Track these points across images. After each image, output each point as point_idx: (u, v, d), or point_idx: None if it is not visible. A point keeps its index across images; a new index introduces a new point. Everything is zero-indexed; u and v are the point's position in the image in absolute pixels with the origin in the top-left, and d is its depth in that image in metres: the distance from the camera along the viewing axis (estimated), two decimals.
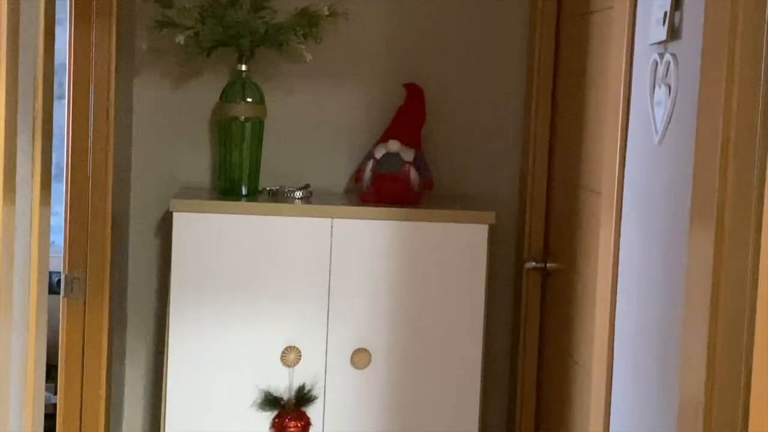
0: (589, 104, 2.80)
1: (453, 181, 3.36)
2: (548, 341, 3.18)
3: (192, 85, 3.31)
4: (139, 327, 3.35)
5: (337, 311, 3.01)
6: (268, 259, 2.99)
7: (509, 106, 3.36)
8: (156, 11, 3.20)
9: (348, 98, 3.33)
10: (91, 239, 3.01)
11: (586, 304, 2.74)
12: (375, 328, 3.02)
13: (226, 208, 3.00)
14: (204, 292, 2.99)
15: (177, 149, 3.32)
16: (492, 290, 3.29)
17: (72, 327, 3.02)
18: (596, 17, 2.78)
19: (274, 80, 3.31)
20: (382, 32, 3.33)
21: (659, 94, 2.08)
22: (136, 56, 3.30)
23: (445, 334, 3.02)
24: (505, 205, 3.35)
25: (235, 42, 3.15)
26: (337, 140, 3.34)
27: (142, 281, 3.34)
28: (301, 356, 3.01)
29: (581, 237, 2.83)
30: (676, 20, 2.02)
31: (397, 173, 3.11)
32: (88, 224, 3.01)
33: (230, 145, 3.17)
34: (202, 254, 2.99)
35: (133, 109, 3.32)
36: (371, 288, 3.01)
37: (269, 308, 3.00)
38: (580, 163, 2.88)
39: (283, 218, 3.00)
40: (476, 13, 3.34)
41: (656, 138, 2.09)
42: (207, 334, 3.00)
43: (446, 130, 3.36)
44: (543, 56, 3.23)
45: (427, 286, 3.02)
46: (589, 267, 2.72)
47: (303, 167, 3.33)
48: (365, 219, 3.00)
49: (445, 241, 3.01)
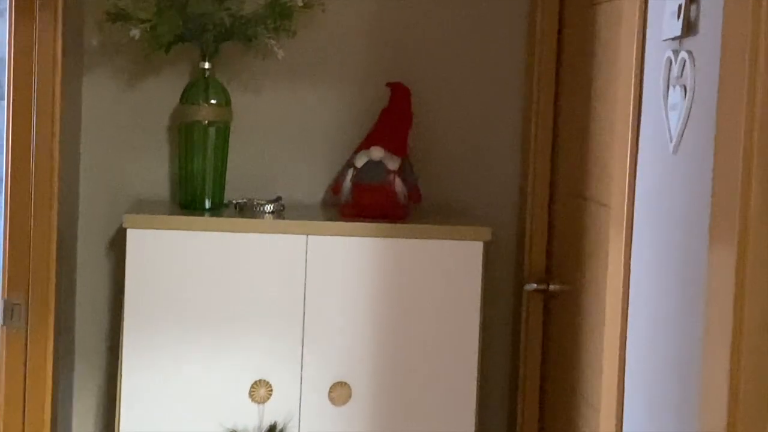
0: (596, 107, 2.81)
1: (443, 192, 3.37)
2: (551, 374, 3.18)
3: (148, 85, 3.31)
4: (89, 359, 3.34)
5: (312, 340, 3.01)
6: (235, 281, 2.99)
7: (506, 108, 3.37)
8: (107, 2, 3.20)
9: (325, 99, 3.33)
10: (34, 259, 3.00)
11: (593, 331, 2.74)
12: (355, 360, 3.01)
13: (186, 224, 3.00)
14: (162, 318, 2.98)
15: (131, 157, 3.32)
16: (488, 316, 3.29)
17: (12, 359, 3.01)
18: (603, 9, 2.79)
19: (241, 79, 3.31)
20: (363, 25, 3.33)
21: (674, 96, 2.08)
22: (85, 53, 3.29)
23: (434, 365, 3.02)
24: (502, 220, 3.35)
25: (197, 36, 3.15)
26: (312, 147, 3.34)
27: (92, 307, 3.34)
28: (272, 391, 3.00)
29: (588, 256, 2.83)
30: (692, 13, 2.03)
31: (381, 184, 3.11)
32: (30, 242, 3.00)
33: (192, 153, 3.16)
34: (160, 276, 2.98)
35: (82, 113, 3.31)
36: (351, 314, 3.01)
37: (236, 337, 3.00)
38: (586, 173, 2.88)
39: (252, 235, 2.99)
40: (469, 4, 3.34)
41: (670, 145, 2.09)
42: (165, 367, 2.99)
43: (435, 136, 3.36)
44: (544, 52, 3.24)
45: (414, 311, 3.02)
46: (596, 289, 2.72)
47: (274, 177, 3.33)
48: (344, 236, 3.00)
49: (435, 261, 3.01)
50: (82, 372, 3.35)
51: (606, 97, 2.70)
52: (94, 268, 3.33)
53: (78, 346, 3.35)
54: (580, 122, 2.95)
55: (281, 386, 3.01)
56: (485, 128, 3.37)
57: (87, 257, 3.33)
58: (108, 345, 3.34)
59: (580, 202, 2.93)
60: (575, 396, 2.89)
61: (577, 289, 2.91)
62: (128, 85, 3.31)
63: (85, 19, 3.28)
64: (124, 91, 3.31)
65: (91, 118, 3.31)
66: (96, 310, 3.34)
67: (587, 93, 2.89)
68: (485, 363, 3.29)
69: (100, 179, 3.32)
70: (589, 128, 2.87)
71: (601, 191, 2.74)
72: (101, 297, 3.34)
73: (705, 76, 1.96)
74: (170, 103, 3.30)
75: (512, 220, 3.37)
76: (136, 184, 3.32)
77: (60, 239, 3.05)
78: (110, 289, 3.34)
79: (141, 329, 2.98)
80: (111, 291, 3.34)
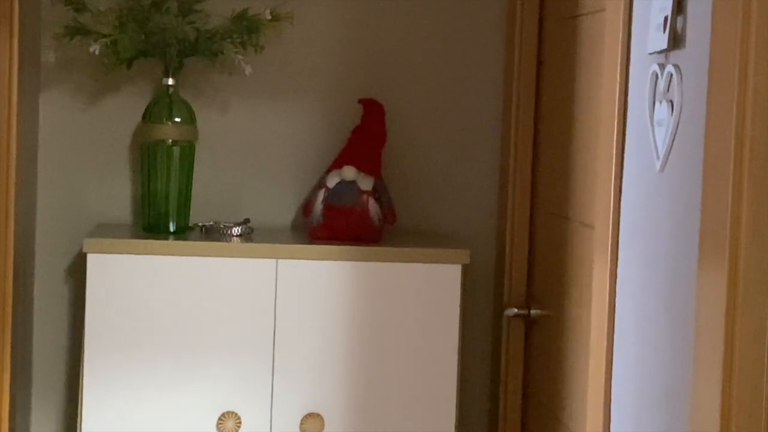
0: (579, 123, 2.81)
1: (419, 213, 3.37)
2: (534, 402, 3.17)
3: (109, 102, 3.30)
4: (47, 391, 3.32)
5: (283, 369, 3.00)
6: (202, 308, 2.98)
7: (484, 125, 3.37)
8: (66, 16, 3.19)
9: (294, 117, 3.33)
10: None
11: (577, 358, 2.74)
12: (328, 390, 3.01)
13: (150, 248, 2.99)
14: (125, 348, 2.97)
15: (92, 178, 3.31)
16: (467, 342, 3.29)
17: None
18: (585, 21, 2.80)
19: (206, 96, 3.31)
20: (334, 39, 3.33)
21: (660, 111, 2.08)
22: (42, 69, 3.28)
23: (411, 395, 3.01)
24: (480, 242, 3.36)
25: (159, 51, 3.15)
26: (282, 167, 3.34)
27: (50, 337, 3.32)
28: (241, 423, 2.99)
29: (571, 279, 2.83)
30: (678, 25, 2.03)
31: (353, 205, 3.11)
32: None
33: (155, 174, 3.15)
34: (122, 303, 2.97)
35: (39, 132, 3.30)
36: (323, 341, 3.00)
37: (203, 367, 2.99)
38: (568, 193, 2.88)
39: (219, 259, 2.99)
40: (445, 18, 3.35)
41: (657, 163, 2.09)
42: (128, 400, 2.98)
43: (410, 154, 3.36)
44: (523, 67, 3.24)
45: (389, 338, 3.01)
46: (580, 314, 2.72)
47: (241, 199, 3.32)
48: (316, 259, 3.00)
49: (411, 285, 3.01)
50: (41, 404, 3.32)
51: (588, 113, 2.70)
52: (52, 296, 3.31)
53: (36, 377, 3.32)
54: (562, 139, 2.95)
55: (250, 418, 3.00)
56: (462, 146, 3.37)
57: (45, 284, 3.31)
58: (68, 376, 3.32)
59: (562, 222, 2.93)
60: (559, 426, 2.88)
61: (560, 314, 2.91)
62: (88, 103, 3.30)
63: (42, 35, 3.26)
64: (84, 109, 3.30)
65: (48, 138, 3.30)
66: (54, 341, 3.32)
67: (569, 109, 2.90)
68: (464, 392, 3.28)
69: (58, 201, 3.31)
70: (571, 145, 2.87)
71: (584, 211, 2.73)
72: (60, 326, 3.32)
73: (693, 90, 1.96)
74: (132, 121, 3.29)
75: (491, 242, 3.37)
76: (96, 207, 3.31)
77: (16, 264, 3.03)
78: (70, 317, 3.32)
79: (102, 359, 2.97)
80: (71, 319, 3.32)
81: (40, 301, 3.32)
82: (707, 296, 1.81)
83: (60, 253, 3.31)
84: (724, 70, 1.79)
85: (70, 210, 3.30)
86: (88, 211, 3.31)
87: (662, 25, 2.07)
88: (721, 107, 1.79)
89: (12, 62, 2.98)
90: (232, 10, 3.20)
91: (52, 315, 3.32)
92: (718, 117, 1.80)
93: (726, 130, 1.77)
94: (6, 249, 2.98)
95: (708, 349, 1.79)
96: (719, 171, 1.79)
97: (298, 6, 3.28)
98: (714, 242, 1.79)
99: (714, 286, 1.78)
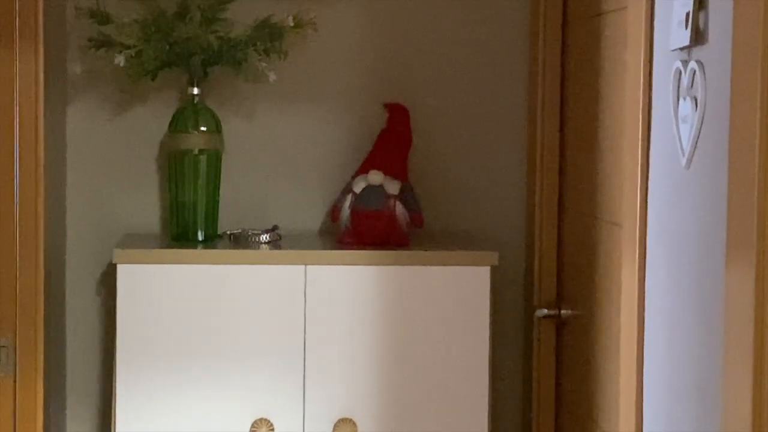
0: (604, 121, 2.81)
1: (447, 216, 3.36)
2: (566, 403, 3.17)
3: (135, 113, 3.32)
4: (81, 401, 3.34)
5: (314, 375, 3.00)
6: (232, 315, 2.99)
7: (510, 126, 3.37)
8: (91, 28, 3.20)
9: (320, 123, 3.34)
10: (21, 299, 2.99)
11: (609, 357, 2.73)
12: (360, 395, 3.01)
13: (179, 257, 3.00)
14: (156, 357, 2.98)
15: (120, 189, 3.32)
16: (497, 344, 3.28)
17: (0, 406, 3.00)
18: (608, 19, 2.80)
19: (231, 105, 3.31)
20: (358, 44, 3.34)
21: (684, 108, 2.08)
22: (68, 82, 3.30)
23: (443, 398, 3.01)
24: (509, 244, 3.35)
25: (184, 61, 3.16)
26: (308, 173, 3.34)
27: (83, 347, 3.33)
28: (273, 430, 3.00)
29: (600, 278, 2.83)
30: (701, 21, 2.03)
31: (381, 210, 3.11)
32: (17, 281, 2.99)
33: (182, 183, 3.17)
34: (153, 313, 2.98)
35: (67, 144, 3.31)
36: (354, 346, 3.00)
37: (234, 374, 2.99)
38: (595, 191, 2.88)
39: (248, 267, 2.99)
40: (469, 19, 3.35)
41: (683, 160, 2.09)
42: (161, 407, 2.98)
43: (437, 157, 3.36)
44: (547, 67, 3.24)
45: (420, 342, 3.01)
46: (610, 314, 2.71)
47: (269, 206, 3.33)
48: (344, 265, 3.00)
49: (440, 288, 3.01)
50: (75, 416, 3.33)
51: (613, 110, 2.70)
52: (83, 306, 3.33)
53: (69, 388, 3.34)
54: (588, 138, 2.95)
55: (283, 424, 3.00)
56: (488, 147, 3.37)
57: (76, 295, 3.33)
58: (101, 386, 3.33)
59: (589, 221, 2.93)
60: (593, 425, 2.88)
61: (590, 314, 2.91)
62: (114, 114, 3.32)
63: (68, 47, 3.28)
64: (111, 120, 3.31)
65: (76, 150, 3.31)
66: (87, 350, 3.33)
67: (594, 107, 2.89)
68: (496, 394, 3.28)
69: (87, 213, 3.32)
70: (596, 144, 2.87)
71: (611, 210, 2.73)
72: (92, 336, 3.33)
73: (716, 86, 1.96)
74: (159, 131, 3.30)
75: (520, 244, 3.37)
76: (125, 217, 3.32)
77: (47, 276, 3.04)
78: (101, 327, 3.33)
79: (135, 368, 2.98)
80: (102, 329, 3.33)
81: (71, 313, 3.33)
82: (735, 291, 1.81)
83: (90, 264, 3.32)
84: (747, 65, 1.79)
85: (98, 221, 3.31)
86: (117, 221, 3.31)
87: (684, 21, 2.07)
88: (744, 102, 1.79)
89: (38, 75, 2.99)
90: (255, 18, 3.21)
91: (83, 326, 3.33)
92: (742, 112, 1.80)
93: (750, 124, 1.77)
94: (37, 261, 3.00)
95: (738, 344, 1.79)
96: (745, 165, 1.79)
97: (321, 12, 3.28)
98: (741, 237, 1.79)
99: (742, 280, 1.78)
